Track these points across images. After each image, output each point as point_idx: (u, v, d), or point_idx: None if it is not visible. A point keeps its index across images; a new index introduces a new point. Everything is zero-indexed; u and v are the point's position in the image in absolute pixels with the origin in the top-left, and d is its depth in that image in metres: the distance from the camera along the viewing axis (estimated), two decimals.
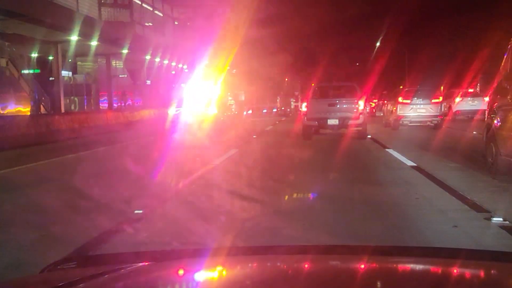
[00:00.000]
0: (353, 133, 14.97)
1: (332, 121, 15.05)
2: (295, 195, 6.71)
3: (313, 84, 19.61)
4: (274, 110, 35.12)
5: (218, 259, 1.94)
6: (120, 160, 10.47)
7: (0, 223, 5.45)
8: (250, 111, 33.61)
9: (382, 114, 22.50)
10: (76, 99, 35.84)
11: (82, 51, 30.48)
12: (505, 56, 7.80)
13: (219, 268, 1.84)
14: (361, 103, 15.09)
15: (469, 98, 23.67)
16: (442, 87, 27.27)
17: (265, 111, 34.22)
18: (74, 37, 26.70)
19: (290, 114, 40.41)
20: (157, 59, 39.44)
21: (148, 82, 41.42)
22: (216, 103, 15.97)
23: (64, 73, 33.62)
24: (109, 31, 29.18)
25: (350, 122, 14.87)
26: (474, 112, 22.12)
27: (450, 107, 23.26)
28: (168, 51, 41.31)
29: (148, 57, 37.67)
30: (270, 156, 10.91)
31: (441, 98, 20.11)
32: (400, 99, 19.64)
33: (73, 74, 37.41)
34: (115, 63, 37.78)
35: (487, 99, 25.70)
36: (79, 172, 8.69)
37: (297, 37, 49.97)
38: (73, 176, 8.00)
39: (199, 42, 42.58)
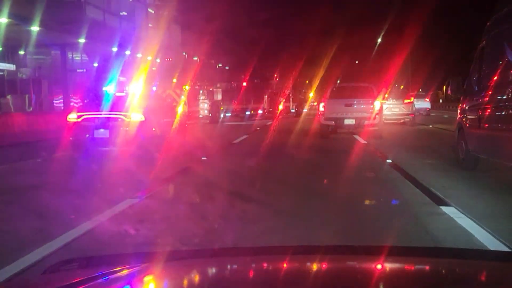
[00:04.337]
0: (368, 133, 15.09)
1: (348, 121, 15.39)
2: None
3: (304, 80, 18.13)
4: (260, 112, 29.18)
5: (220, 259, 1.93)
6: None
7: None
8: (228, 113, 27.63)
9: None
10: (26, 97, 30.67)
11: (24, 40, 25.64)
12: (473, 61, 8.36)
13: (222, 268, 1.83)
14: (377, 104, 15.23)
15: (414, 99, 26.32)
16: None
17: (248, 113, 28.24)
18: (3, 19, 21.57)
19: (280, 117, 34.64)
20: (128, 52, 34.58)
21: (123, 79, 35.83)
22: (148, 105, 9.88)
23: (3, 66, 28.55)
24: (50, 12, 23.92)
25: (366, 122, 15.16)
26: (419, 110, 27.34)
27: None
28: (141, 43, 36.54)
29: (115, 49, 32.62)
30: (192, 221, 4.96)
31: (412, 99, 22.45)
32: None
33: (18, 67, 32.06)
34: (71, 55, 32.33)
35: (427, 100, 33.85)
36: None
37: (289, 30, 45.29)
38: None
39: (173, 32, 37.66)
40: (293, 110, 38.67)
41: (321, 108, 15.97)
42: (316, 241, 4.19)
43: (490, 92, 7.23)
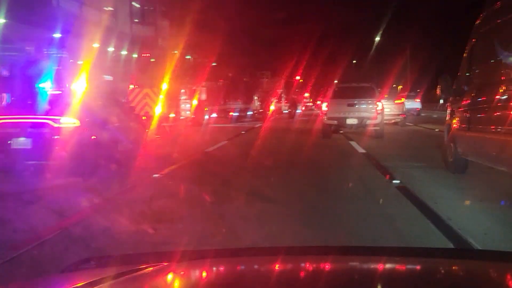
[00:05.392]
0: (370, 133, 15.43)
1: (351, 121, 15.73)
2: None
3: (298, 78, 17.83)
4: (249, 113, 26.96)
5: (237, 259, 1.95)
6: None
7: None
8: (214, 115, 25.45)
9: None
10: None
11: None
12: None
13: (238, 268, 1.84)
14: (379, 104, 15.69)
15: (405, 100, 26.14)
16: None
17: (236, 114, 26.07)
18: None
19: (272, 118, 32.46)
20: (111, 48, 32.80)
21: (109, 77, 33.74)
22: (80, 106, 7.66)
23: None
24: (17, 4, 22.19)
25: (368, 121, 15.52)
26: (410, 110, 27.18)
27: None
28: (125, 39, 34.67)
29: (96, 45, 30.67)
30: None
31: (403, 99, 23.09)
32: None
33: None
34: (45, 51, 30.36)
35: (418, 100, 33.87)
36: None
37: (284, 26, 43.31)
38: None
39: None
40: (286, 111, 36.46)
41: (324, 108, 16.39)
42: None
43: (479, 92, 7.09)
